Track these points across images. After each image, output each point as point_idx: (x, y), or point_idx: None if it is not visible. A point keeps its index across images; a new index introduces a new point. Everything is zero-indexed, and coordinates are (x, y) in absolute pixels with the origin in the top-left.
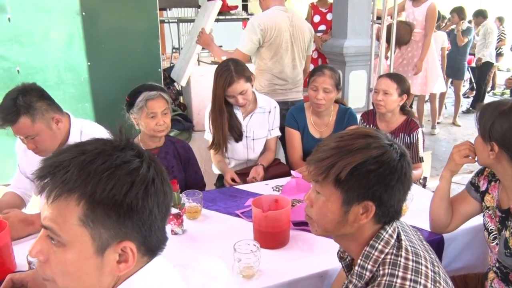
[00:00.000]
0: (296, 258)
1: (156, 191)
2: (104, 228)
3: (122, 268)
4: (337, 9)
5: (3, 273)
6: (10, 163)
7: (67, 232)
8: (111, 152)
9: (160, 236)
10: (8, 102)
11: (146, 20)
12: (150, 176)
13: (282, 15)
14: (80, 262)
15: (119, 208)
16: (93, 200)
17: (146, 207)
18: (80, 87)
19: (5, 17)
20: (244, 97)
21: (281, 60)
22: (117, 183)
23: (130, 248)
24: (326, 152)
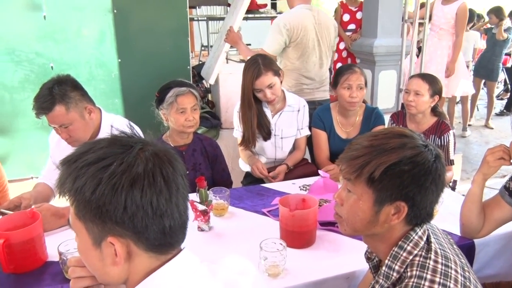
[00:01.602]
0: (323, 258)
1: (142, 187)
2: (92, 223)
3: (118, 261)
4: (367, 8)
5: (36, 263)
6: (43, 156)
7: (74, 225)
8: (97, 148)
9: (159, 233)
10: (44, 91)
11: (176, 18)
12: (117, 174)
13: (307, 14)
14: (86, 252)
15: (90, 205)
16: (75, 198)
17: (119, 203)
18: (111, 83)
19: (41, 15)
20: (273, 92)
21: (308, 59)
22: (87, 181)
23: (113, 243)
24: (360, 150)
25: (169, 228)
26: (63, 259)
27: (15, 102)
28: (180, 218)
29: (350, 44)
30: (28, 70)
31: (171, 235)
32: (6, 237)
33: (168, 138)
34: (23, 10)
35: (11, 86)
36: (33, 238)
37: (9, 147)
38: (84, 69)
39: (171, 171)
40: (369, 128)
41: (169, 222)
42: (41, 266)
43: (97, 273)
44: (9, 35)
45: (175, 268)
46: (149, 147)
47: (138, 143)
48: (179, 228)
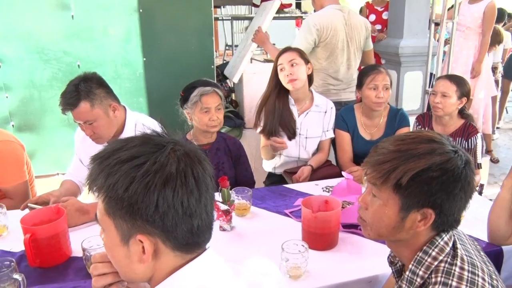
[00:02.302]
0: (345, 261)
1: (175, 187)
2: (122, 220)
3: (145, 259)
4: (393, 8)
5: (60, 258)
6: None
7: (102, 221)
8: (130, 146)
9: (187, 232)
10: (70, 87)
11: (201, 18)
12: (153, 171)
13: (337, 14)
14: (113, 248)
15: (122, 202)
16: (107, 194)
17: (150, 202)
18: (136, 82)
19: (69, 14)
20: (293, 69)
21: (336, 60)
22: (120, 178)
23: (141, 241)
24: (386, 155)
25: (197, 228)
26: (87, 255)
27: (43, 99)
28: (207, 218)
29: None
30: (56, 69)
31: (199, 235)
32: (33, 232)
33: (192, 137)
34: (52, 10)
35: (40, 84)
36: (57, 233)
37: (36, 144)
38: (109, 67)
39: (201, 171)
40: (394, 130)
41: (197, 222)
42: (65, 261)
43: (123, 269)
44: (38, 34)
45: (199, 266)
46: (180, 146)
47: (170, 142)
48: (206, 228)
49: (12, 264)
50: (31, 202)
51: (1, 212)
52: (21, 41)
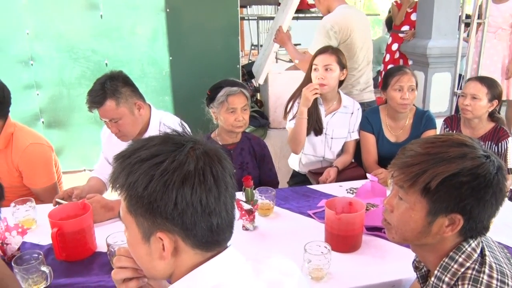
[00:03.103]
0: (368, 264)
1: (193, 185)
2: (142, 218)
3: (166, 256)
4: (422, 8)
5: (85, 252)
6: (95, 150)
7: (124, 219)
8: (150, 146)
9: (207, 230)
10: (97, 86)
11: (227, 17)
12: (171, 169)
13: (351, 13)
14: (135, 245)
15: (142, 200)
16: (128, 193)
17: (169, 200)
18: (162, 81)
19: (98, 14)
20: (325, 74)
21: (357, 60)
22: (140, 177)
23: (161, 238)
24: (415, 157)
25: (217, 226)
26: (111, 250)
27: (71, 97)
28: (227, 216)
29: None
30: (85, 67)
31: (218, 233)
32: (59, 226)
33: (217, 137)
34: (82, 10)
35: (69, 82)
36: (83, 228)
37: (64, 140)
38: (136, 66)
39: (221, 170)
40: (420, 132)
41: (217, 220)
42: (90, 255)
43: (144, 266)
44: (68, 34)
45: (219, 264)
46: (200, 145)
47: (190, 141)
48: (226, 226)
49: (40, 257)
50: (58, 197)
51: (30, 206)
52: (52, 40)
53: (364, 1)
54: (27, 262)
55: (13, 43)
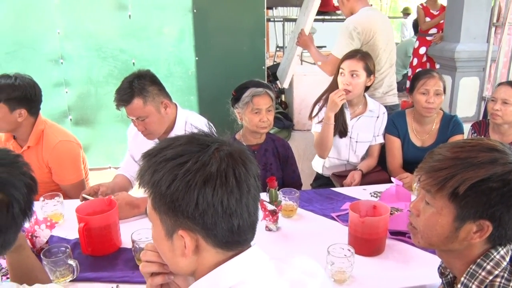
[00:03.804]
0: (391, 268)
1: (214, 186)
2: (166, 215)
3: (187, 254)
4: (450, 10)
5: (111, 248)
6: (121, 148)
7: (150, 215)
8: (176, 145)
9: (227, 231)
10: (125, 84)
11: (253, 18)
12: (193, 171)
13: (374, 15)
14: (159, 241)
15: (165, 199)
16: (152, 190)
17: (190, 200)
18: (188, 81)
19: (126, 14)
20: (351, 80)
21: (380, 62)
22: (164, 176)
23: (183, 236)
24: (443, 162)
25: (237, 227)
26: (136, 246)
27: (99, 95)
28: (249, 218)
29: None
30: (112, 66)
31: (239, 234)
32: (86, 221)
33: (241, 137)
34: (111, 10)
35: (97, 81)
36: (109, 224)
37: (91, 138)
38: (163, 65)
39: (244, 172)
40: (446, 137)
41: (238, 222)
42: (115, 251)
43: (168, 261)
44: (97, 33)
45: (242, 262)
46: (225, 147)
47: (215, 142)
48: (248, 227)
49: (67, 251)
50: (84, 193)
51: (58, 201)
52: (82, 40)
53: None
54: (55, 255)
55: (45, 42)
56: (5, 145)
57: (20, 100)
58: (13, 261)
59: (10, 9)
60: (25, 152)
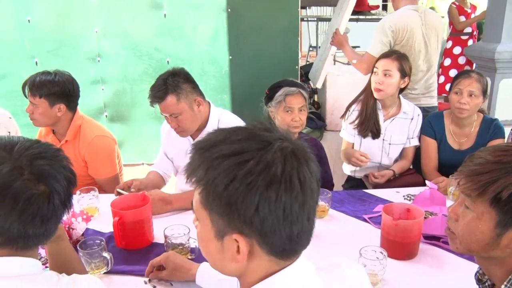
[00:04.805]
0: (424, 273)
1: (278, 190)
2: (218, 216)
3: (239, 259)
4: (492, 10)
5: (144, 242)
6: (154, 145)
7: (198, 212)
8: (233, 140)
9: (285, 238)
10: (159, 81)
11: (287, 18)
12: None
13: (413, 15)
14: (206, 240)
15: (221, 200)
16: (205, 187)
17: (250, 204)
18: (221, 79)
19: (161, 13)
20: (383, 79)
21: (414, 62)
22: (221, 174)
23: (237, 241)
24: (484, 166)
25: (297, 235)
26: (168, 242)
27: (134, 93)
28: (308, 225)
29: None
30: (147, 64)
31: (297, 242)
32: (121, 216)
33: None
34: (147, 9)
35: (132, 78)
36: (142, 219)
37: (125, 134)
38: (197, 64)
39: (308, 175)
40: (486, 141)
41: (298, 229)
42: (148, 246)
43: (214, 262)
44: (133, 32)
45: (292, 274)
46: (288, 144)
47: (277, 139)
48: (306, 235)
49: (102, 243)
50: (119, 187)
51: (93, 195)
52: (118, 38)
53: (426, 3)
54: (90, 247)
55: (83, 41)
56: (44, 139)
57: (59, 95)
58: (53, 250)
59: (51, 9)
60: (63, 146)
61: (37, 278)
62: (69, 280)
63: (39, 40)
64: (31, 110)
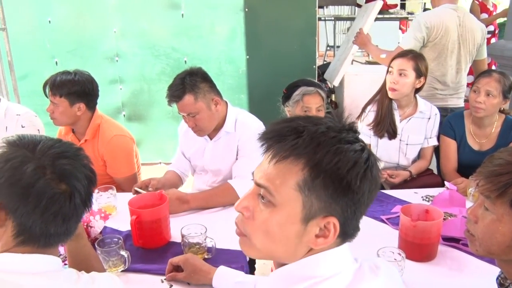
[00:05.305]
0: (443, 275)
1: (372, 177)
2: (316, 199)
3: (320, 243)
4: None
5: (161, 241)
6: (171, 144)
7: (282, 194)
8: (340, 130)
9: (357, 223)
10: (177, 81)
11: (304, 18)
12: (370, 162)
13: (451, 14)
14: (286, 225)
15: (338, 182)
16: (317, 169)
17: (361, 189)
18: (238, 79)
19: (179, 13)
20: (399, 79)
21: (445, 62)
22: (343, 159)
23: (333, 225)
24: (504, 166)
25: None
26: (185, 241)
27: (152, 92)
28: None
29: None
30: (165, 64)
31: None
32: (138, 214)
33: None
34: (165, 9)
35: (150, 78)
36: (160, 218)
37: (143, 133)
38: (214, 64)
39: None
40: (507, 142)
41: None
42: (165, 245)
43: (281, 248)
44: (151, 32)
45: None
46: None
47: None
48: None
49: (120, 242)
50: (136, 186)
51: (111, 193)
52: (136, 38)
53: None
54: (108, 245)
55: (102, 41)
56: (64, 138)
57: (79, 95)
58: (72, 248)
59: (71, 10)
60: (83, 145)
61: (57, 275)
62: (88, 278)
63: (59, 41)
64: (51, 109)
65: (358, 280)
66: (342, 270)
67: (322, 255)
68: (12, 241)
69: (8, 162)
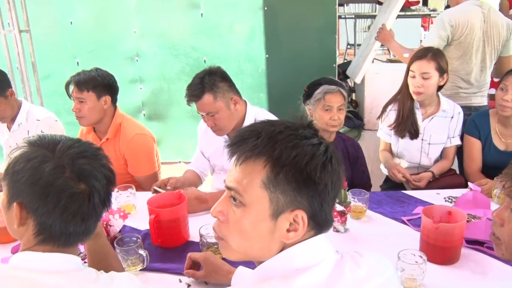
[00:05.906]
0: (466, 279)
1: (332, 169)
2: (282, 194)
3: (291, 237)
4: None
5: (179, 240)
6: (191, 143)
7: (250, 193)
8: (296, 128)
9: (328, 214)
10: (196, 80)
11: (324, 16)
12: (328, 154)
13: (476, 11)
14: (257, 223)
15: (299, 175)
16: (278, 165)
17: (322, 180)
18: (257, 78)
19: (198, 12)
20: (423, 82)
21: (470, 60)
22: (300, 152)
23: (301, 217)
24: None
25: (331, 213)
26: (203, 241)
27: (171, 91)
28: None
29: None
30: (184, 63)
31: (331, 220)
32: (157, 214)
33: None
34: (184, 9)
35: (169, 77)
36: (178, 217)
37: (162, 132)
38: (233, 63)
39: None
40: None
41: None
42: (183, 244)
43: (256, 246)
44: (171, 31)
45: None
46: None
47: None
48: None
49: (138, 241)
50: (155, 185)
51: (131, 192)
52: (156, 38)
53: None
54: (127, 244)
55: (122, 41)
56: (85, 137)
57: (105, 87)
58: (91, 247)
59: (92, 11)
60: (104, 144)
61: (77, 274)
62: (107, 278)
63: (80, 41)
64: (78, 108)
65: (340, 269)
66: (321, 260)
67: (297, 247)
68: (33, 239)
69: (28, 161)
